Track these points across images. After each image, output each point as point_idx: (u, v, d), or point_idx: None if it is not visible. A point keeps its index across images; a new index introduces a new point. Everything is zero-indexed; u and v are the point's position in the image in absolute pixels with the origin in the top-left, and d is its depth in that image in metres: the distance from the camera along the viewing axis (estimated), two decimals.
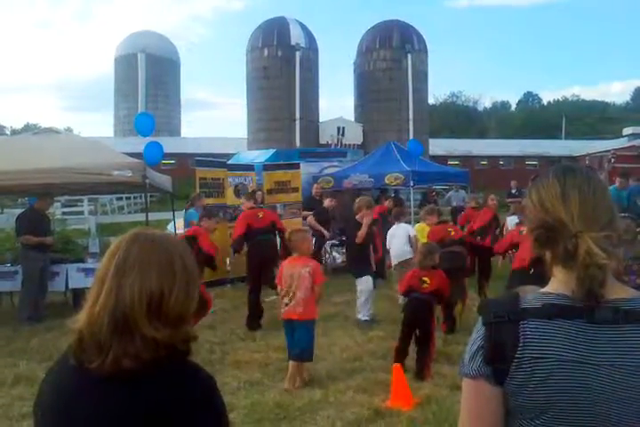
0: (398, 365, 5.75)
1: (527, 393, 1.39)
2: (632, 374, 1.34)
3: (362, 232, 8.43)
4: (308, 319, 6.12)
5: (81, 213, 23.03)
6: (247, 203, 9.77)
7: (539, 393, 1.38)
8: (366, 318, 8.59)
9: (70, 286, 9.61)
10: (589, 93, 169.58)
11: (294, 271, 6.03)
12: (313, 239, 9.61)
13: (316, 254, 10.90)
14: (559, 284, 1.45)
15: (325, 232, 12.36)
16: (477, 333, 1.49)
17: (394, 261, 10.10)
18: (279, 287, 6.25)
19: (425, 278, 6.38)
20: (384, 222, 10.98)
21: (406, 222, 10.87)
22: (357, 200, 9.00)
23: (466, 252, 8.72)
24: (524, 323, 1.41)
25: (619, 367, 1.35)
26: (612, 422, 1.36)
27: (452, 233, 8.89)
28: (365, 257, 8.68)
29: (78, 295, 9.40)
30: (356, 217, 8.66)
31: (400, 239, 9.88)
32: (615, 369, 1.35)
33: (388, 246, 10.32)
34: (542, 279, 1.53)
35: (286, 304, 6.11)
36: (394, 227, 10.54)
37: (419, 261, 6.66)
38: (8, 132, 68.61)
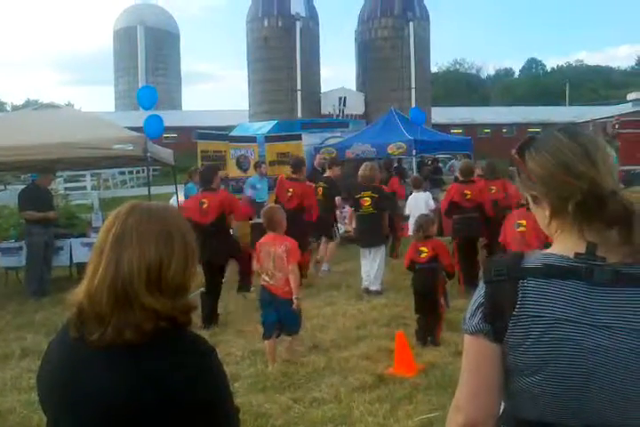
0: (401, 332, 5.79)
1: (523, 351, 1.40)
2: (627, 337, 1.35)
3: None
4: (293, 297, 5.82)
5: (84, 188, 23.04)
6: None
7: (534, 351, 1.39)
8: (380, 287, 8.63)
9: (74, 261, 9.73)
10: (595, 59, 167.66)
11: (271, 250, 5.84)
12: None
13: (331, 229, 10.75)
14: (564, 247, 1.45)
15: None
16: (479, 291, 1.50)
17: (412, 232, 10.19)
18: (256, 265, 5.99)
19: (422, 248, 6.41)
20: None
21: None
22: (367, 169, 8.98)
23: (480, 218, 8.41)
24: (524, 282, 1.42)
25: (615, 329, 1.35)
26: (605, 383, 1.37)
27: (469, 197, 8.51)
28: (379, 226, 8.80)
29: (82, 270, 9.48)
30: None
31: (419, 210, 9.71)
32: (611, 331, 1.36)
33: (407, 213, 10.53)
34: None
35: (266, 281, 5.90)
36: (413, 195, 10.59)
37: (414, 233, 6.71)
38: (9, 108, 68.60)
